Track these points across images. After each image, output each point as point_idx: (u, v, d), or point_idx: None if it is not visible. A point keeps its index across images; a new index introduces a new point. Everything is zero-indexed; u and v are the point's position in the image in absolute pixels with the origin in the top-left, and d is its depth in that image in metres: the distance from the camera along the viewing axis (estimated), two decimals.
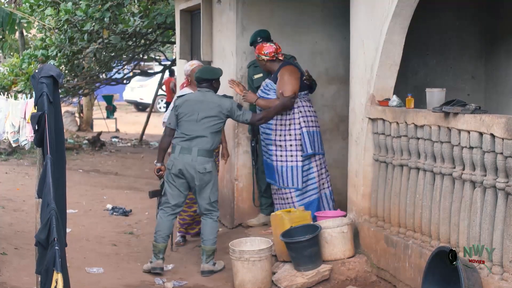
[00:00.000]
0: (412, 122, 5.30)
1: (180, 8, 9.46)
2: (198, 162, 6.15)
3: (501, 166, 4.37)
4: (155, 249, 6.30)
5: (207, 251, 6.29)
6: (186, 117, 6.21)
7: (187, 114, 6.22)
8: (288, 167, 6.60)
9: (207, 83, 6.35)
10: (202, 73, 6.42)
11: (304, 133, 6.59)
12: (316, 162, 6.67)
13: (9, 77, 12.51)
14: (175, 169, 6.19)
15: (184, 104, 6.25)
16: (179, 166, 6.17)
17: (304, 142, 6.59)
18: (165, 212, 6.30)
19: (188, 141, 6.17)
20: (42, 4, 11.62)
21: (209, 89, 6.34)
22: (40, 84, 4.32)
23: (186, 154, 6.16)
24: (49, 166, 3.92)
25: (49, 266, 3.44)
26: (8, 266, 6.18)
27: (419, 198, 5.27)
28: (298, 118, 6.60)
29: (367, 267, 5.85)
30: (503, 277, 4.38)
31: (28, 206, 8.51)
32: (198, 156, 6.15)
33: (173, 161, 6.20)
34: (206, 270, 6.26)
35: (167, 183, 6.29)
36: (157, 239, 6.30)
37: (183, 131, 6.22)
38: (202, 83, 6.36)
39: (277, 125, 6.64)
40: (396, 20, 5.55)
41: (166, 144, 6.35)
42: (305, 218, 6.12)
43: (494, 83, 7.54)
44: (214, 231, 6.34)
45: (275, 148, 6.65)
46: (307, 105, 6.72)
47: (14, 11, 9.91)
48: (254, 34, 7.14)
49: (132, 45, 12.99)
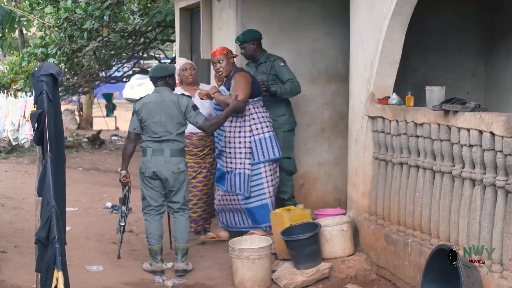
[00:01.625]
0: (412, 120, 5.30)
1: (180, 6, 9.45)
2: (172, 163, 6.16)
3: (500, 164, 4.36)
4: (152, 252, 6.28)
5: (182, 250, 6.27)
6: (149, 119, 6.17)
7: (150, 117, 6.17)
8: (236, 174, 6.62)
9: (162, 80, 6.32)
10: (155, 71, 6.38)
11: (255, 141, 6.62)
12: (265, 168, 6.68)
13: (8, 75, 12.52)
14: (149, 171, 6.17)
15: (144, 108, 6.19)
16: (153, 169, 6.15)
17: (255, 150, 6.62)
18: (150, 215, 6.27)
19: (158, 142, 6.16)
20: (42, 2, 11.63)
21: (165, 86, 6.31)
22: (39, 82, 4.31)
23: (159, 156, 6.15)
24: (49, 164, 3.92)
25: (50, 264, 3.44)
26: (8, 264, 6.18)
27: (419, 196, 5.28)
28: (250, 126, 6.61)
29: (366, 265, 5.85)
30: (502, 275, 4.38)
31: (27, 204, 8.50)
32: (171, 157, 6.16)
33: (146, 164, 6.17)
34: (181, 269, 6.23)
35: (143, 186, 6.26)
36: (151, 242, 6.27)
37: (150, 134, 6.18)
38: (157, 82, 6.33)
39: (226, 132, 6.65)
40: (396, 18, 5.55)
41: (131, 150, 6.29)
42: (305, 216, 6.13)
43: (494, 81, 7.54)
44: (187, 229, 6.36)
45: (225, 155, 6.69)
46: (260, 110, 6.72)
47: (14, 9, 9.91)
48: (250, 33, 7.01)
49: (132, 43, 12.99)
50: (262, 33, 7.22)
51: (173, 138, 6.16)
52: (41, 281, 3.62)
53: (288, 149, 6.97)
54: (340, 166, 7.68)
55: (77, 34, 11.15)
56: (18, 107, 7.05)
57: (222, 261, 6.51)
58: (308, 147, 7.75)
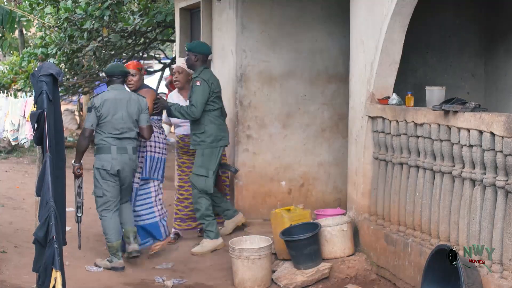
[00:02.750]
0: (412, 120, 5.30)
1: (180, 6, 9.45)
2: (133, 160, 6.34)
3: (500, 164, 4.36)
4: (112, 249, 6.32)
5: (133, 232, 6.45)
6: (110, 116, 6.24)
7: (111, 113, 6.24)
8: (134, 186, 6.71)
9: (121, 78, 6.43)
10: (117, 68, 6.53)
11: (147, 157, 6.71)
12: (155, 187, 6.80)
13: (8, 75, 12.51)
14: (114, 169, 6.25)
15: (105, 104, 6.25)
16: (118, 167, 6.26)
17: (144, 166, 6.71)
18: (110, 210, 6.33)
19: (120, 140, 6.26)
20: (42, 2, 11.62)
21: (123, 85, 6.44)
22: (39, 83, 4.31)
23: (123, 153, 6.27)
24: (49, 164, 3.92)
25: (48, 264, 3.43)
26: (8, 264, 6.18)
27: (419, 196, 5.27)
28: (145, 142, 6.69)
29: (366, 265, 5.85)
30: (502, 275, 4.38)
31: (27, 204, 8.50)
32: (133, 154, 6.33)
33: (111, 162, 6.23)
34: (136, 250, 6.41)
35: (104, 183, 6.30)
36: (111, 239, 6.32)
37: (110, 131, 6.25)
38: (116, 79, 6.40)
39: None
40: (396, 18, 5.55)
41: (86, 146, 6.38)
42: (305, 216, 6.13)
43: (494, 81, 7.54)
44: (132, 214, 6.54)
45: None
46: (157, 131, 6.81)
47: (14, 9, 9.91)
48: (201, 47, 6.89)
49: (132, 43, 12.97)
50: (261, 33, 7.21)
51: (133, 136, 6.31)
52: (38, 280, 3.62)
53: (204, 168, 6.74)
54: (340, 166, 7.68)
55: (77, 34, 11.15)
56: (18, 107, 7.05)
57: (222, 261, 6.51)
58: (308, 147, 7.76)
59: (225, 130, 6.88)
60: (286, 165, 7.73)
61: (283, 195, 7.72)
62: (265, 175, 7.67)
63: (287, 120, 7.70)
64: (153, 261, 6.66)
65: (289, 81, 7.68)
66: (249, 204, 7.62)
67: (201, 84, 6.64)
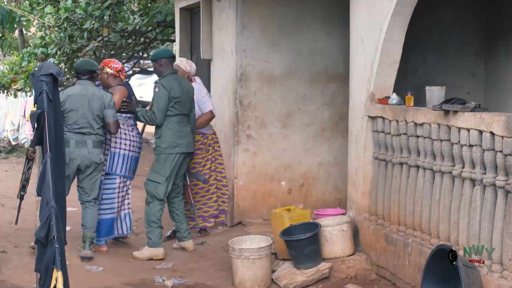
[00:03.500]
0: (412, 120, 5.30)
1: (180, 6, 9.45)
2: (95, 154, 6.44)
3: (500, 164, 4.36)
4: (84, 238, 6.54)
5: (90, 238, 6.52)
6: (73, 111, 6.39)
7: (73, 108, 6.39)
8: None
9: (88, 75, 6.58)
10: (85, 64, 6.67)
11: (110, 152, 6.76)
12: (119, 184, 6.81)
13: (8, 75, 12.52)
14: (72, 163, 6.37)
15: (68, 99, 6.41)
16: (78, 161, 6.40)
17: (110, 161, 6.75)
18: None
19: (81, 134, 6.40)
20: (42, 2, 11.64)
21: (90, 81, 6.57)
22: (39, 82, 4.31)
23: (82, 147, 6.41)
24: (49, 164, 3.92)
25: (49, 264, 3.43)
26: (8, 264, 6.18)
27: (419, 196, 5.27)
28: (110, 138, 6.74)
29: (367, 265, 5.85)
30: (502, 275, 4.38)
31: (28, 204, 8.47)
32: (93, 148, 6.44)
33: (69, 155, 6.32)
34: (87, 256, 6.45)
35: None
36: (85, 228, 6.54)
37: (71, 125, 6.39)
38: (84, 75, 6.55)
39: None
40: (396, 18, 5.55)
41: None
42: (305, 216, 6.13)
43: (494, 81, 7.54)
44: (96, 219, 6.61)
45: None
46: (125, 128, 6.82)
47: (14, 9, 9.91)
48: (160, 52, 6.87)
49: (132, 43, 12.99)
50: (262, 33, 7.20)
51: (95, 131, 6.43)
52: (39, 280, 3.62)
53: (156, 173, 6.66)
54: (340, 166, 7.68)
55: (77, 34, 11.16)
56: (18, 107, 7.05)
57: (222, 261, 6.51)
58: (308, 147, 7.76)
59: (183, 137, 6.68)
60: (286, 165, 7.73)
61: (283, 195, 7.73)
62: (265, 175, 7.68)
63: (287, 120, 7.70)
64: (153, 261, 6.66)
65: (289, 81, 7.68)
66: (249, 204, 7.62)
67: (159, 90, 6.60)
